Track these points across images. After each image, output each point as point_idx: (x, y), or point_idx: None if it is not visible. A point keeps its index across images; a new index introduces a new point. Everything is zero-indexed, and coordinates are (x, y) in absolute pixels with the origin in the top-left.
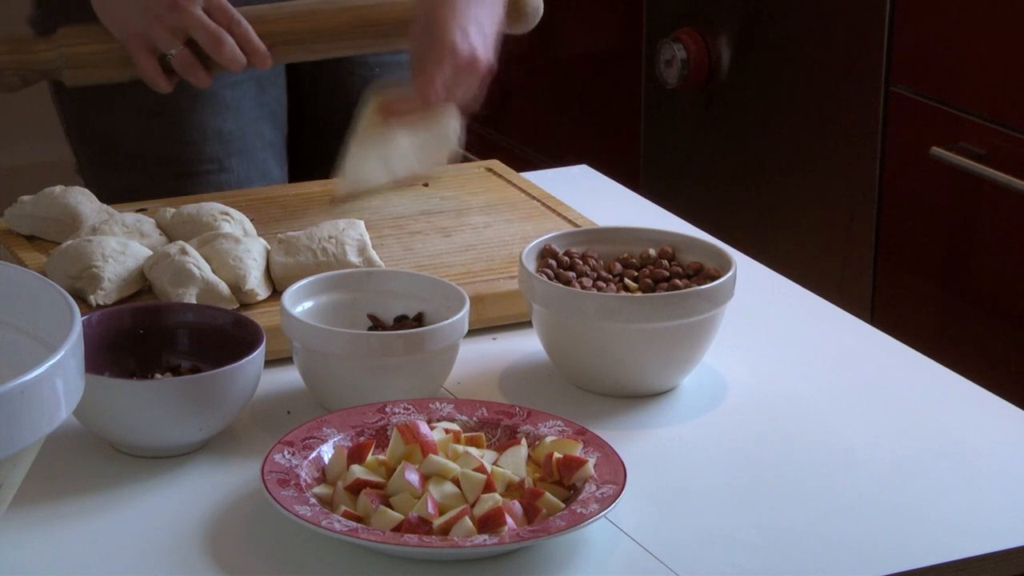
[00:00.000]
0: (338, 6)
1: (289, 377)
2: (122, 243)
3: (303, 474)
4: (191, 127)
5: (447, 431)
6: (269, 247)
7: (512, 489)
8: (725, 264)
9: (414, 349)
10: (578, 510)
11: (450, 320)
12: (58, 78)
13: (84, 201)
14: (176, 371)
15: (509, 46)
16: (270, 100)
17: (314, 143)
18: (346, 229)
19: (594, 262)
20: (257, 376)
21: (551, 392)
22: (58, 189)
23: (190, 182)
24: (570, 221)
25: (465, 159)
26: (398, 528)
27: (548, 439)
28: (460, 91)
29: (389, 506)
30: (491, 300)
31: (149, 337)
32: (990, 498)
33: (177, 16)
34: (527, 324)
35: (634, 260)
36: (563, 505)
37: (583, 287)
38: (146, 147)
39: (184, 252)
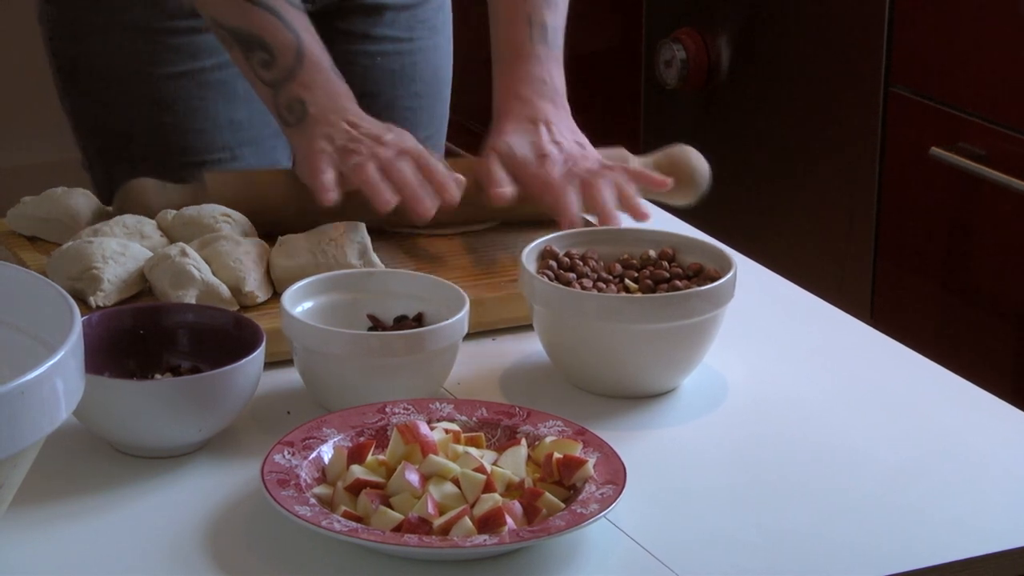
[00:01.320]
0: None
1: (289, 377)
2: (122, 244)
3: (303, 474)
4: (203, 116)
5: (447, 431)
6: (269, 249)
7: (512, 489)
8: (725, 265)
9: (414, 349)
10: (578, 510)
11: (450, 320)
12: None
13: (85, 202)
14: (176, 371)
15: None
16: None
17: None
18: (347, 231)
19: (594, 263)
20: (257, 376)
21: (551, 392)
22: (59, 190)
23: (200, 171)
24: None
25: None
26: (398, 528)
27: (548, 439)
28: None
29: (389, 506)
30: (492, 302)
31: (149, 337)
32: (990, 499)
33: (374, 151)
34: (528, 326)
35: (634, 261)
36: (563, 505)
37: (583, 288)
38: (157, 138)
39: (184, 254)
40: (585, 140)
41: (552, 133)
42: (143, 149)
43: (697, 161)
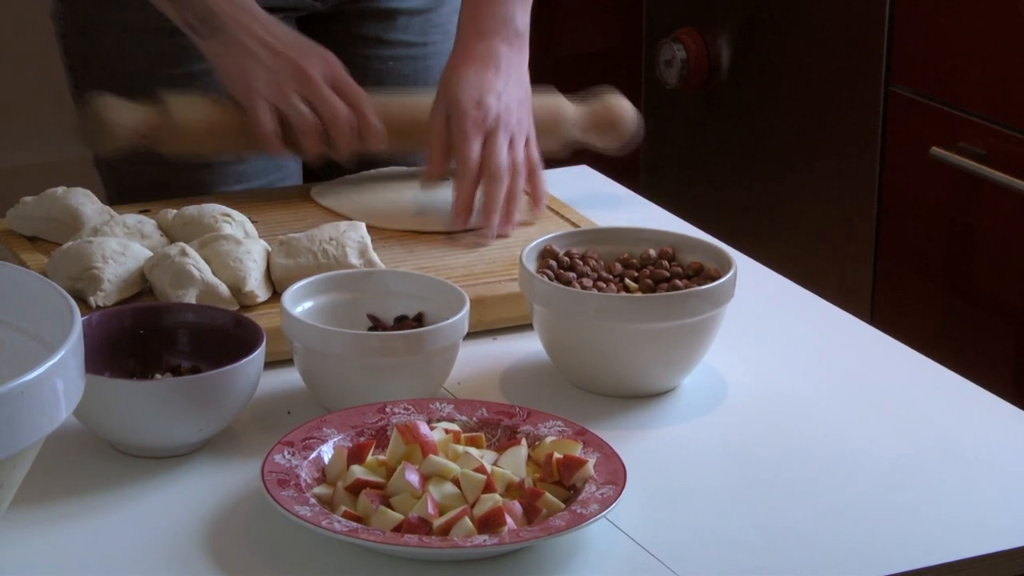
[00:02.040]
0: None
1: (289, 377)
2: (122, 244)
3: (303, 474)
4: None
5: (447, 431)
6: (270, 249)
7: (512, 489)
8: (725, 264)
9: (414, 349)
10: (578, 510)
11: (450, 320)
12: (156, 147)
13: (85, 202)
14: (176, 371)
15: None
16: None
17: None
18: (347, 231)
19: (594, 262)
20: (257, 376)
21: (551, 392)
22: (60, 190)
23: (207, 172)
24: (570, 222)
25: None
26: (398, 528)
27: (548, 439)
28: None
29: (389, 506)
30: (492, 302)
31: (149, 337)
32: (989, 498)
33: (303, 84)
34: (528, 326)
35: (634, 260)
36: (563, 505)
37: (583, 287)
38: None
39: (184, 253)
40: (527, 94)
41: (499, 79)
42: (151, 150)
43: (627, 108)
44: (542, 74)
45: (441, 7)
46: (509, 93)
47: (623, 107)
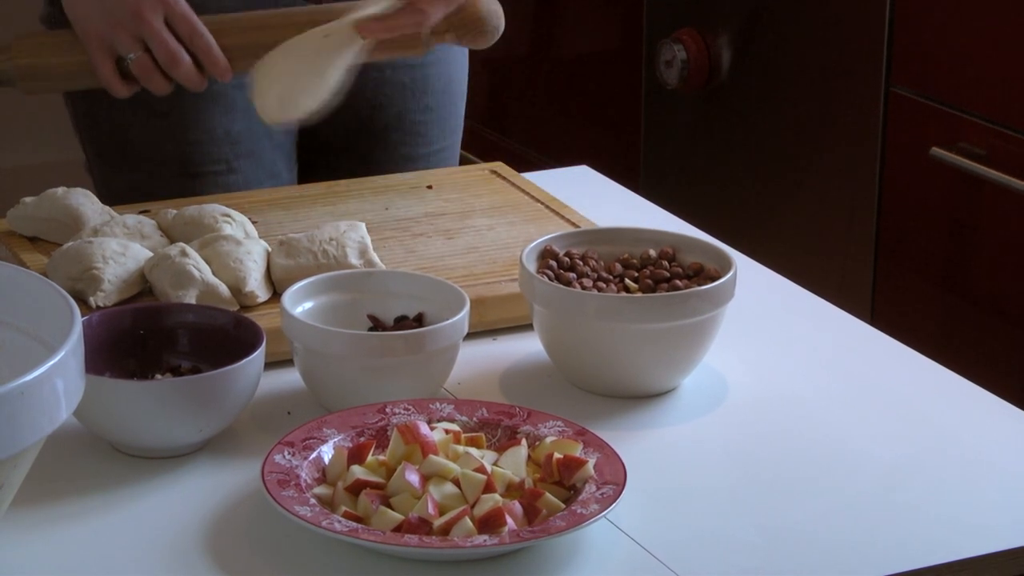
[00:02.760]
0: (296, 16)
1: (289, 378)
2: (123, 244)
3: (303, 474)
4: (199, 127)
5: (447, 431)
6: (270, 249)
7: (512, 489)
8: (725, 265)
9: (414, 349)
10: (578, 510)
11: (450, 320)
12: (13, 87)
13: (86, 203)
14: (176, 372)
15: (510, 47)
16: None
17: (324, 143)
18: (347, 231)
19: (594, 263)
20: (257, 377)
21: (551, 393)
22: (60, 190)
23: (197, 182)
24: (570, 222)
25: (467, 161)
26: (398, 528)
27: (548, 439)
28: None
29: (389, 506)
30: (492, 303)
31: (149, 338)
32: (990, 498)
33: (137, 24)
34: (528, 327)
35: (634, 261)
36: (563, 505)
37: (583, 288)
38: (154, 146)
39: (184, 254)
40: None
41: None
42: (140, 158)
43: (489, 5)
44: (543, 74)
45: None
46: None
47: (486, 5)
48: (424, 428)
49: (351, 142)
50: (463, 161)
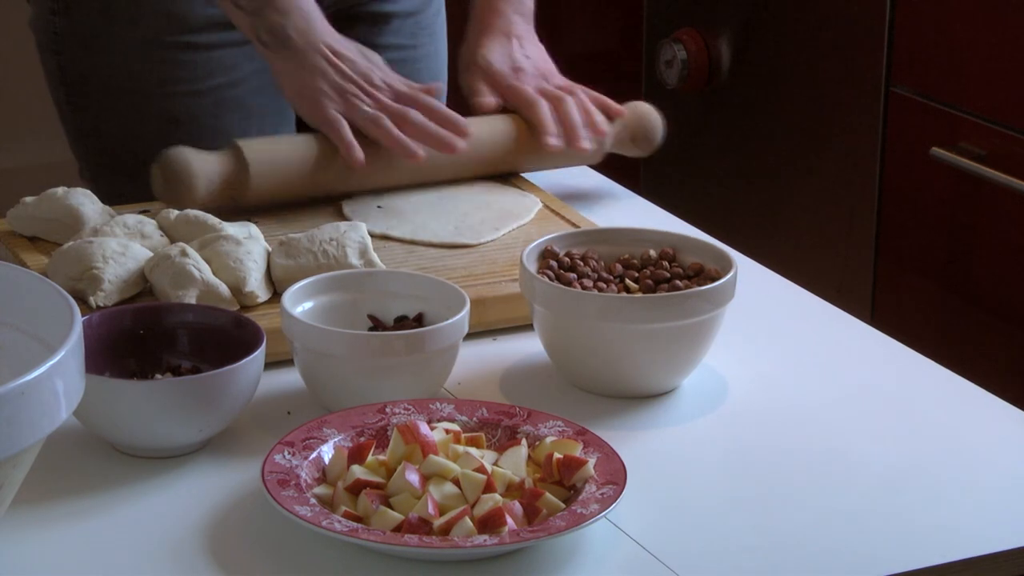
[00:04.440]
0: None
1: (289, 378)
2: (123, 244)
3: (303, 474)
4: (216, 135)
5: (447, 431)
6: (270, 249)
7: (512, 489)
8: (726, 265)
9: (414, 349)
10: (578, 510)
11: (450, 320)
12: (241, 198)
13: (86, 203)
14: (176, 371)
15: None
16: (280, 104)
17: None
18: (347, 231)
19: (595, 263)
20: (257, 377)
21: (551, 393)
22: (60, 190)
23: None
24: (570, 222)
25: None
26: (398, 528)
27: (548, 439)
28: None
29: (389, 506)
30: (492, 303)
31: (149, 338)
32: (990, 499)
33: (371, 97)
34: (528, 327)
35: (635, 261)
36: (563, 505)
37: (584, 288)
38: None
39: (185, 254)
40: (548, 58)
41: (524, 47)
42: (148, 166)
43: (656, 117)
44: None
45: (427, 8)
46: (534, 53)
47: (653, 117)
48: (424, 428)
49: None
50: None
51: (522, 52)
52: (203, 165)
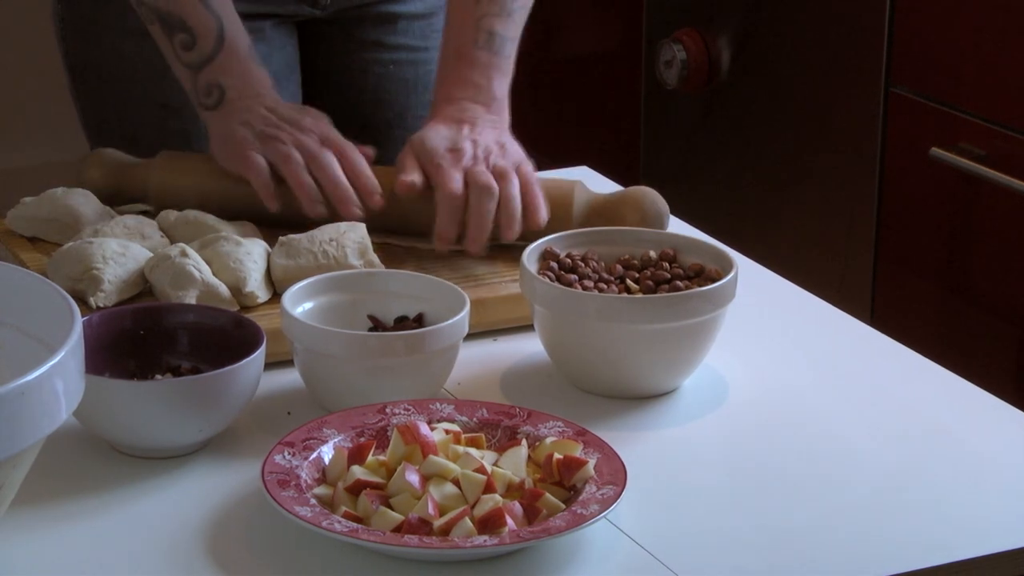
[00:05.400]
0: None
1: (289, 378)
2: (123, 245)
3: (303, 475)
4: None
5: (447, 432)
6: (270, 249)
7: (512, 490)
8: (726, 266)
9: (414, 350)
10: (578, 511)
11: (450, 321)
12: (146, 203)
13: (86, 203)
14: (176, 372)
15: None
16: (286, 96)
17: None
18: (347, 232)
19: (595, 264)
20: (257, 377)
21: (552, 393)
22: (60, 190)
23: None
24: None
25: None
26: (398, 529)
27: (548, 440)
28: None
29: (389, 507)
30: (493, 303)
31: (149, 338)
32: (990, 499)
33: (303, 153)
34: (528, 327)
35: (635, 262)
36: (563, 506)
37: (585, 288)
38: (163, 142)
39: (184, 254)
40: (510, 141)
41: (473, 132)
42: (148, 152)
43: (652, 203)
44: (543, 74)
45: (440, 12)
46: (485, 136)
47: (648, 201)
48: (424, 428)
49: (353, 139)
50: None
51: (469, 136)
52: (103, 171)
